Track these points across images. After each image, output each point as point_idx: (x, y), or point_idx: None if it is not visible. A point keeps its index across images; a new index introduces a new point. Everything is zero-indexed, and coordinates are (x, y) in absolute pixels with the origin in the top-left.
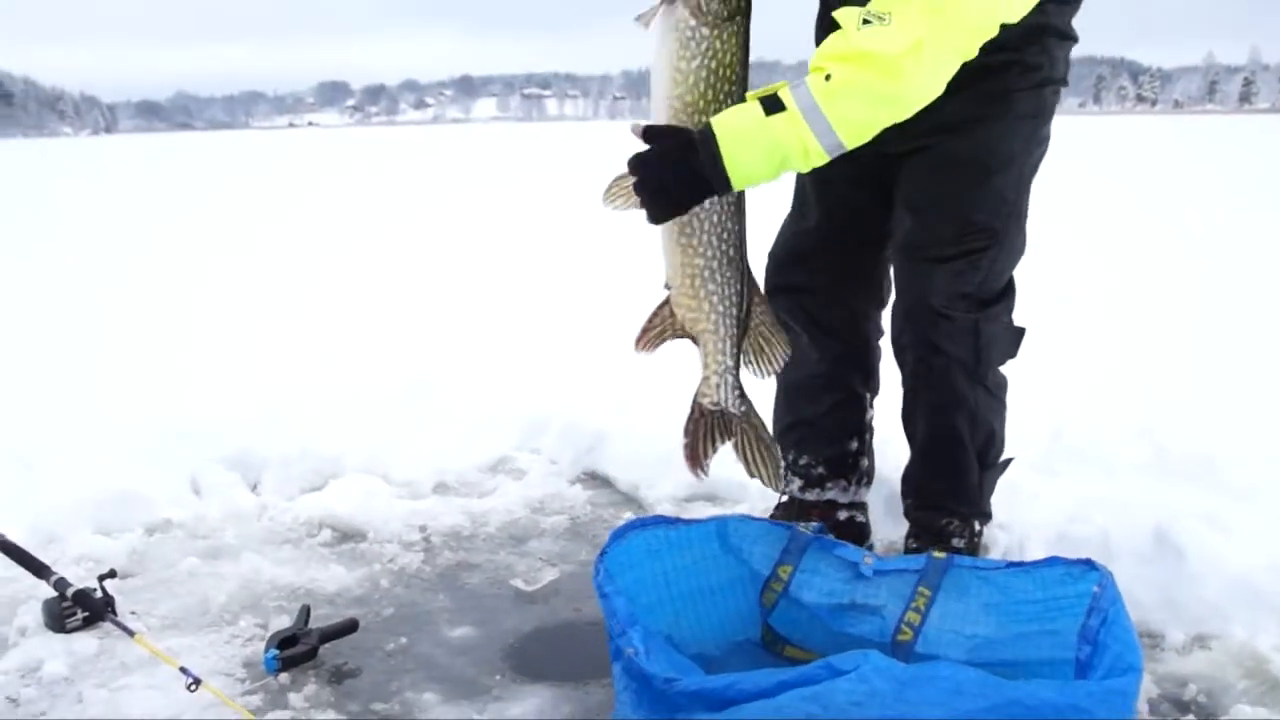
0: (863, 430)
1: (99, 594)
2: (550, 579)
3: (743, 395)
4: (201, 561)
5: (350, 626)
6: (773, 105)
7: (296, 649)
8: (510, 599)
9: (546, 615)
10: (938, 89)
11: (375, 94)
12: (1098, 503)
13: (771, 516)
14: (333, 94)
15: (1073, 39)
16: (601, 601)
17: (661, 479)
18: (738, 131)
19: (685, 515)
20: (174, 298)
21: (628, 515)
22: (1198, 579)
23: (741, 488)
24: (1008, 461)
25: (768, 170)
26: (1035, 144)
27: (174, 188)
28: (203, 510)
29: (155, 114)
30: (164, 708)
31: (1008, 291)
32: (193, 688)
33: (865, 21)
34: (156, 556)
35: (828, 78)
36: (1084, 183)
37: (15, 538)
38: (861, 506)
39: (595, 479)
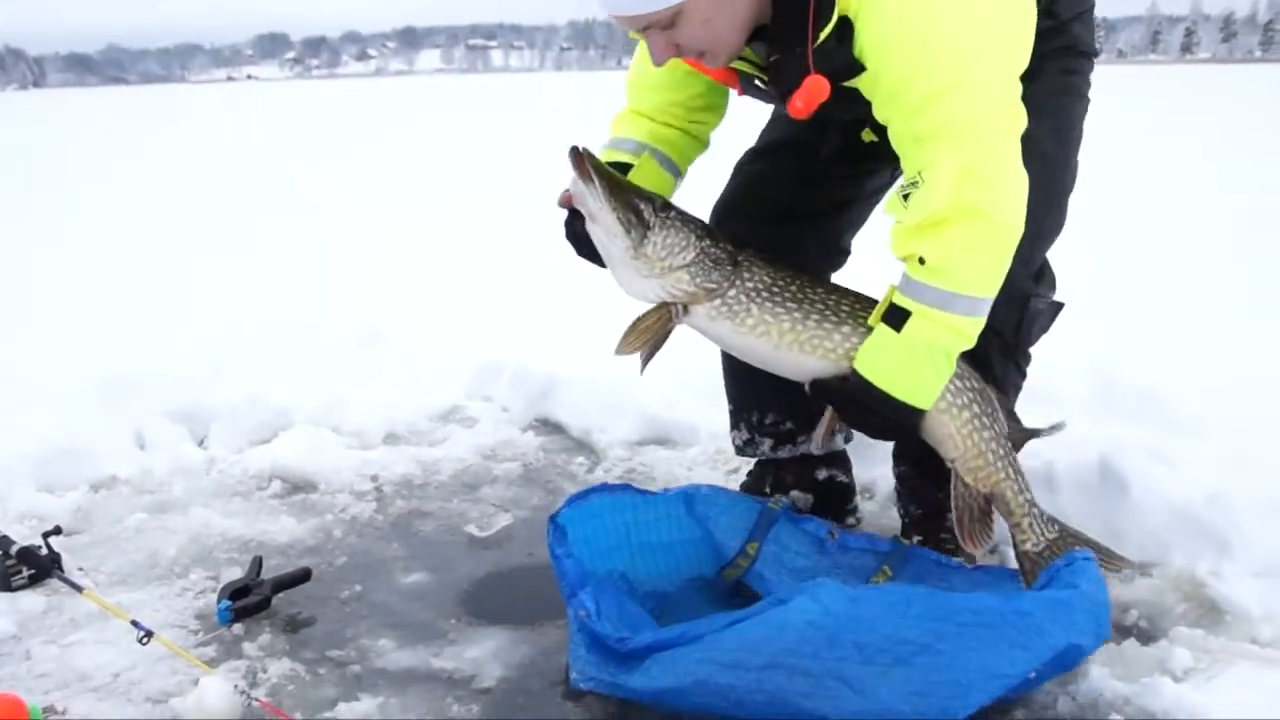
0: None
1: (44, 551)
2: (503, 524)
3: (1050, 519)
4: (149, 516)
5: (303, 576)
6: (898, 317)
7: (249, 599)
8: (464, 545)
9: (500, 560)
10: (1016, 178)
11: (316, 46)
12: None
13: (743, 486)
14: (272, 46)
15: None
16: (553, 563)
17: (613, 424)
18: (886, 366)
19: (637, 459)
20: (114, 250)
21: (580, 461)
22: (1140, 510)
23: (692, 430)
24: None
25: (941, 372)
26: (1073, 98)
27: (109, 142)
28: (149, 465)
29: (86, 67)
30: (116, 662)
31: (1046, 267)
32: (144, 641)
33: (905, 196)
34: (103, 513)
35: (921, 261)
36: None
37: None
38: (841, 462)
39: (547, 425)
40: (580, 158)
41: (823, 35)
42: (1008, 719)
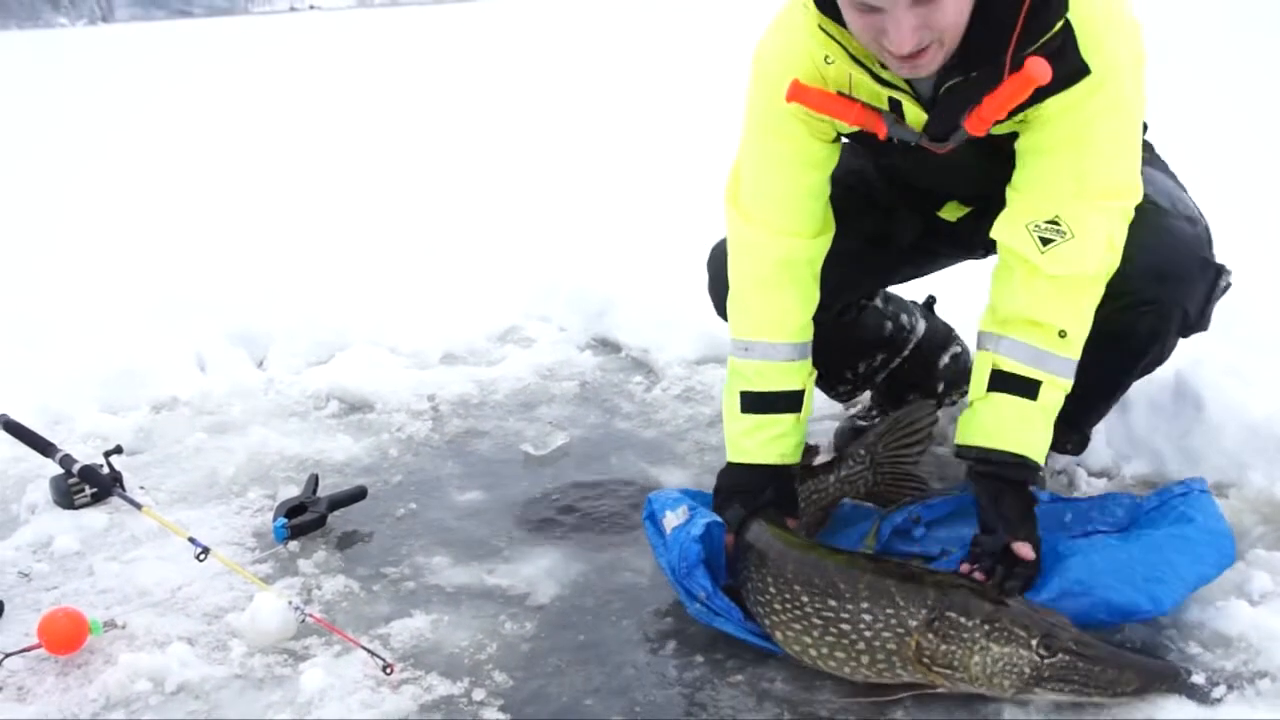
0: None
1: (106, 470)
2: (560, 443)
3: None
4: (209, 436)
5: (359, 494)
6: (1026, 388)
7: (305, 517)
8: (519, 464)
9: (556, 478)
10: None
11: None
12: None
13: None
14: None
15: None
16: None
17: (671, 343)
18: (1032, 439)
19: (696, 377)
20: (176, 177)
21: (638, 380)
22: (1216, 428)
23: None
24: None
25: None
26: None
27: (175, 77)
28: (209, 386)
29: (153, 1)
30: (174, 578)
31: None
32: (202, 557)
33: (1045, 240)
34: (163, 433)
35: (1062, 334)
36: None
37: (22, 418)
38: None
39: (605, 345)
40: None
41: (1046, 36)
42: None
